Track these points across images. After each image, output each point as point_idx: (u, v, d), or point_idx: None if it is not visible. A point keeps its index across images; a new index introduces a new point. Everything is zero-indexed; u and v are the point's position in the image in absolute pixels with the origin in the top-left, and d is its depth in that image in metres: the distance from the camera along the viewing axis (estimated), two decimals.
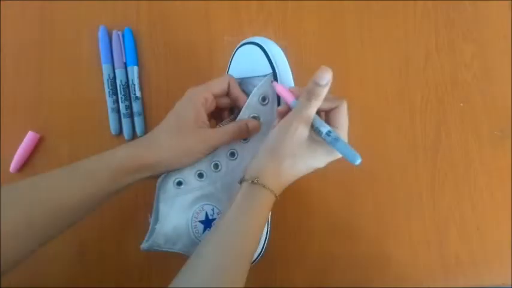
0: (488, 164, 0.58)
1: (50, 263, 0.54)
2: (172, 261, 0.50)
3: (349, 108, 0.44)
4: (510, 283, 0.55)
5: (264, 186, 0.41)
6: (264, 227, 0.43)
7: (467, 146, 0.58)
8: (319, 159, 0.43)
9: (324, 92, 0.41)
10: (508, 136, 0.58)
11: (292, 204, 0.55)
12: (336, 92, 0.58)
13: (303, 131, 0.41)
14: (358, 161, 0.39)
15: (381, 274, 0.55)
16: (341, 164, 0.44)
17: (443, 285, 0.55)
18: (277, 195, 0.42)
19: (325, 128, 0.41)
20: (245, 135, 0.46)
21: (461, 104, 0.59)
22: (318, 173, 0.44)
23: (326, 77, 0.40)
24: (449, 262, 0.55)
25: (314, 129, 0.42)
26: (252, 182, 0.41)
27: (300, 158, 0.42)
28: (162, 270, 0.55)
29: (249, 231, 0.41)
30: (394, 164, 0.57)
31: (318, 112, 0.43)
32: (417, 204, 0.57)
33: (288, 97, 0.44)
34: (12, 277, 0.39)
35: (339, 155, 0.43)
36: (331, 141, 0.41)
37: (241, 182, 0.42)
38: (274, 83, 0.46)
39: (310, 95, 0.41)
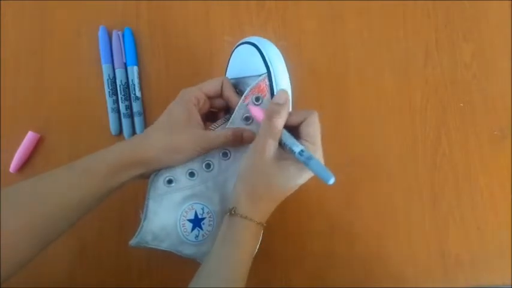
0: (488, 164, 0.58)
1: (50, 263, 0.54)
2: (172, 261, 0.50)
3: (349, 108, 0.44)
4: (510, 283, 0.55)
5: (241, 216, 0.41)
6: (253, 255, 0.43)
7: (467, 146, 0.58)
8: (296, 176, 0.41)
9: (284, 110, 0.41)
10: (508, 136, 0.58)
11: (292, 204, 0.55)
12: (336, 92, 0.59)
13: (270, 152, 0.41)
14: (332, 181, 0.38)
15: (380, 274, 0.55)
16: (340, 163, 0.44)
17: (443, 285, 0.55)
18: (260, 221, 0.42)
19: (297, 148, 0.40)
20: (238, 144, 0.45)
21: (461, 104, 0.59)
22: None
23: (283, 97, 0.42)
24: (449, 262, 0.55)
25: (287, 149, 0.41)
26: (230, 213, 0.41)
27: (275, 179, 0.41)
28: (162, 270, 0.55)
29: (232, 264, 0.41)
30: (394, 164, 0.57)
31: (289, 128, 0.42)
32: (417, 204, 0.57)
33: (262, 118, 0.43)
34: (12, 277, 0.39)
35: None
36: (305, 160, 0.39)
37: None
38: (250, 106, 0.45)
39: (271, 114, 0.41)
